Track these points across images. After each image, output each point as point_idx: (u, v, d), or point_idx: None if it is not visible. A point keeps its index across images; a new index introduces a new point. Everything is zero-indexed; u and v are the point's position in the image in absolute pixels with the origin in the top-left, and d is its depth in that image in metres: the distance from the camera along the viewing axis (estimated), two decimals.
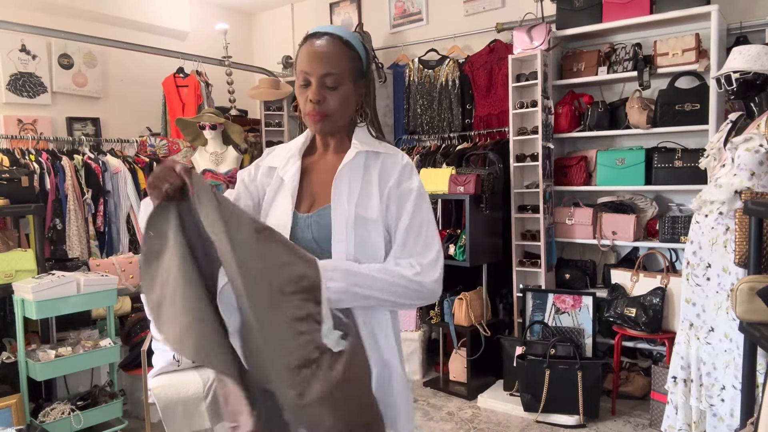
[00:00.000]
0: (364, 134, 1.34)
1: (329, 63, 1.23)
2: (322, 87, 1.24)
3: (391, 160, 1.30)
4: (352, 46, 1.27)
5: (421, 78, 4.34)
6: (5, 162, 3.36)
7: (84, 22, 4.24)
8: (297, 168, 1.33)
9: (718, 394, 2.33)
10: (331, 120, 1.27)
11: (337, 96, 1.25)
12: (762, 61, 2.30)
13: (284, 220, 1.29)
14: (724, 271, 2.29)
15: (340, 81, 1.24)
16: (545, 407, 3.13)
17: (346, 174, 1.28)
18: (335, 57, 1.24)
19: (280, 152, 1.40)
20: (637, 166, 3.42)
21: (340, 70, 1.24)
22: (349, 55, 1.26)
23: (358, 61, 1.28)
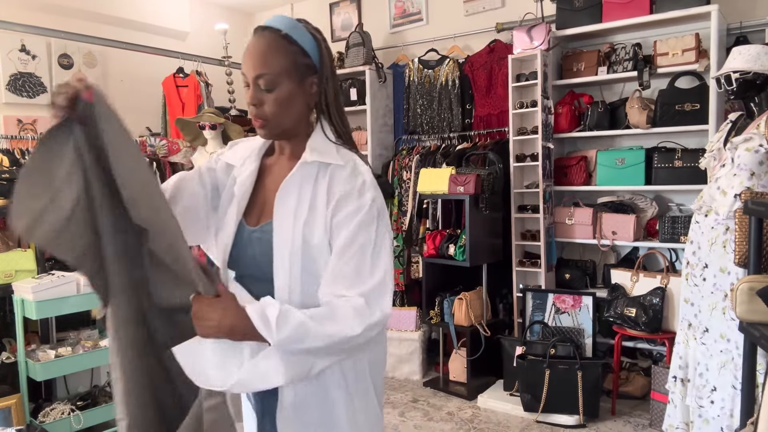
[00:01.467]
0: (320, 139, 1.18)
1: (261, 63, 1.10)
2: (257, 89, 1.12)
3: (341, 173, 1.13)
4: (293, 40, 1.12)
5: (421, 78, 4.34)
6: (5, 162, 3.36)
7: (84, 22, 4.24)
8: (252, 171, 1.21)
9: (708, 396, 2.33)
10: (271, 125, 1.14)
11: (273, 99, 1.12)
12: (762, 61, 2.30)
13: (229, 231, 1.18)
14: (721, 271, 2.29)
15: (276, 81, 1.11)
16: (545, 407, 3.13)
17: (293, 187, 1.14)
18: (268, 55, 1.11)
19: (240, 148, 1.28)
20: (637, 166, 3.42)
21: (273, 69, 1.10)
22: (287, 50, 1.12)
23: (302, 55, 1.13)
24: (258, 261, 1.15)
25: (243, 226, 1.18)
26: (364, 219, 1.10)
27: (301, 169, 1.14)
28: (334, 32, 5.12)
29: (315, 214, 1.12)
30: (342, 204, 1.10)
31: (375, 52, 4.55)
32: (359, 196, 1.11)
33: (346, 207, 1.10)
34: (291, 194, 1.13)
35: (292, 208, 1.12)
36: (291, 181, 1.14)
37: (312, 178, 1.14)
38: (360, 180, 1.13)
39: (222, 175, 1.27)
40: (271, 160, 1.25)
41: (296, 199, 1.13)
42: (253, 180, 1.21)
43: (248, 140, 1.30)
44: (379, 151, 4.55)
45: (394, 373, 3.94)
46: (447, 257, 3.67)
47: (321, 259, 1.10)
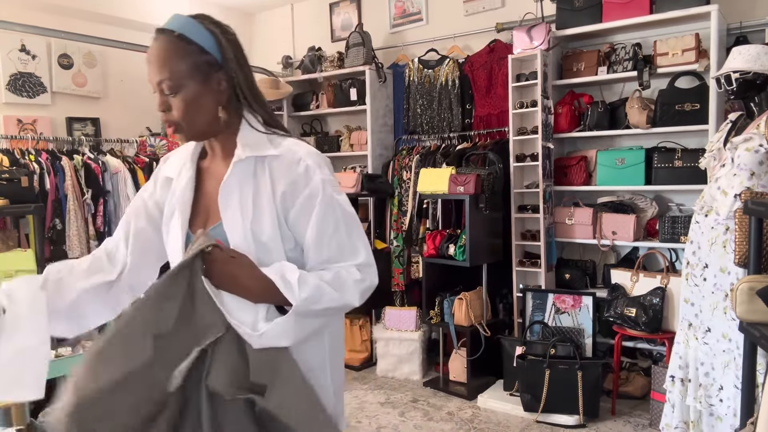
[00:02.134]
0: (249, 133, 1.14)
1: (160, 68, 1.08)
2: (163, 95, 1.09)
3: (280, 164, 1.11)
4: (189, 39, 1.09)
5: (421, 78, 4.34)
6: (5, 162, 3.36)
7: (84, 22, 4.24)
8: (189, 178, 1.18)
9: (717, 395, 2.33)
10: (184, 129, 1.11)
11: (179, 102, 1.09)
12: (762, 61, 2.30)
13: (177, 243, 1.14)
14: (721, 271, 2.29)
15: (178, 85, 1.08)
16: (545, 407, 3.13)
17: (233, 187, 1.11)
18: (166, 59, 1.08)
19: (174, 158, 1.24)
20: (637, 166, 3.42)
21: (172, 73, 1.07)
22: (184, 51, 1.08)
23: (201, 53, 1.09)
24: None
25: (190, 235, 1.15)
26: (323, 201, 1.10)
27: (237, 167, 1.12)
28: (334, 32, 5.12)
29: (261, 211, 1.10)
30: (293, 195, 1.10)
31: (375, 52, 4.55)
32: (308, 182, 1.10)
33: (300, 197, 1.10)
34: (233, 194, 1.11)
35: (237, 208, 1.10)
36: (229, 181, 1.11)
37: (250, 174, 1.12)
38: (302, 166, 1.11)
39: (164, 192, 1.23)
40: (206, 162, 1.22)
41: (239, 198, 1.11)
42: (192, 187, 1.18)
43: (181, 148, 1.25)
44: (379, 151, 4.55)
45: (394, 373, 3.94)
46: (447, 257, 3.67)
47: (275, 253, 1.10)
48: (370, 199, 4.46)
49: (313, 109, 4.94)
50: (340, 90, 4.70)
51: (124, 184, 3.82)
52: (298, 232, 1.11)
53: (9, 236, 3.14)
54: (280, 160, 1.11)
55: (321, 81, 4.95)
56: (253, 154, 1.12)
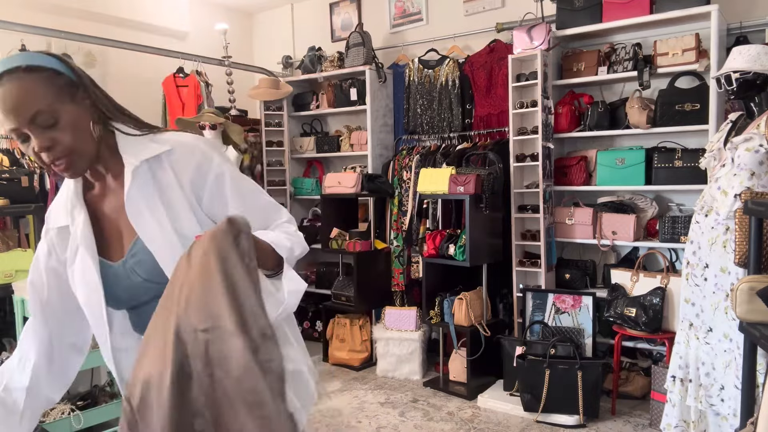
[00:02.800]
0: (128, 140, 1.12)
1: (29, 103, 0.99)
2: (42, 130, 1.00)
3: (176, 157, 1.11)
4: (40, 67, 1.02)
5: (421, 78, 4.34)
6: (5, 162, 3.36)
7: (84, 22, 4.24)
8: (84, 216, 1.12)
9: (718, 394, 2.33)
10: (78, 156, 1.05)
11: (64, 129, 1.02)
12: (762, 61, 2.30)
13: (92, 278, 1.11)
14: (722, 271, 2.29)
15: (55, 111, 1.01)
16: (545, 407, 3.13)
17: (136, 196, 1.09)
18: (30, 93, 0.99)
19: (58, 208, 1.18)
20: (637, 166, 3.42)
21: (46, 100, 1.00)
22: (43, 79, 1.01)
23: (57, 76, 1.03)
24: (152, 280, 1.11)
25: (108, 266, 1.13)
26: (231, 177, 1.14)
27: (136, 175, 1.09)
28: (334, 32, 5.12)
29: (174, 208, 1.10)
30: (201, 180, 1.12)
31: (375, 52, 4.55)
32: (210, 165, 1.12)
33: (208, 180, 1.12)
34: (139, 205, 1.09)
35: (149, 215, 1.08)
36: (132, 192, 1.09)
37: (148, 178, 1.10)
38: (198, 152, 1.13)
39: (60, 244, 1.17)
40: (93, 193, 1.16)
41: (147, 206, 1.09)
42: (89, 221, 1.13)
43: (58, 198, 1.20)
44: (379, 151, 4.55)
45: (394, 373, 3.94)
46: (447, 257, 3.67)
47: None
48: (370, 199, 4.46)
49: (313, 109, 4.94)
50: (340, 90, 4.71)
51: None
52: (217, 213, 1.13)
53: (9, 236, 3.14)
54: (175, 153, 1.12)
55: (321, 81, 4.95)
56: (146, 156, 1.10)
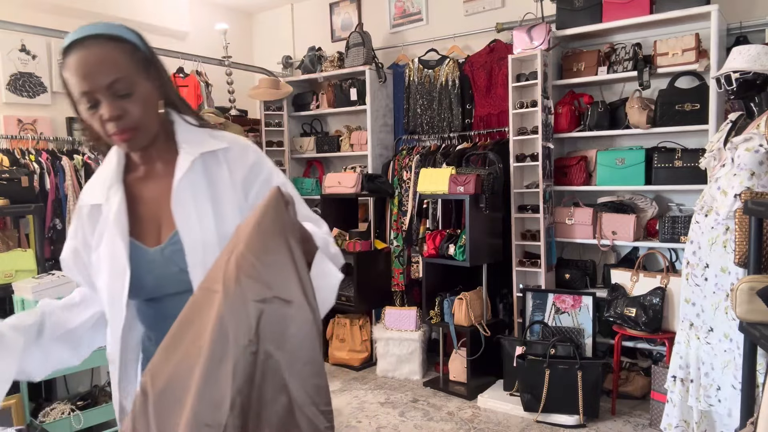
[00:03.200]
0: (188, 130, 1.13)
1: (109, 69, 1.01)
2: (116, 98, 1.01)
3: (233, 156, 1.12)
4: (123, 38, 1.05)
5: (421, 78, 4.34)
6: (5, 162, 3.36)
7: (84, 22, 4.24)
8: (121, 197, 1.10)
9: (715, 395, 2.34)
10: (142, 131, 1.06)
11: (137, 102, 1.03)
12: (762, 61, 2.30)
13: (120, 260, 1.07)
14: (722, 271, 2.29)
15: (132, 82, 1.03)
16: (545, 407, 3.13)
17: (186, 189, 1.07)
18: (111, 60, 1.01)
19: (94, 186, 1.15)
20: (637, 166, 3.42)
21: (124, 70, 1.02)
22: (125, 49, 1.04)
23: (137, 50, 1.06)
24: (181, 275, 1.07)
25: (143, 250, 1.09)
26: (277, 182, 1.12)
27: (190, 167, 1.08)
28: (334, 32, 5.12)
29: (222, 204, 1.09)
30: (252, 180, 1.12)
31: (375, 52, 4.55)
32: (262, 168, 1.14)
33: (257, 181, 1.12)
34: (186, 196, 1.07)
35: (192, 208, 1.07)
36: (182, 184, 1.08)
37: (201, 171, 1.09)
38: (252, 154, 1.14)
39: (91, 224, 1.14)
40: (137, 176, 1.15)
41: (192, 198, 1.07)
42: (125, 202, 1.11)
43: (97, 174, 1.17)
44: (379, 151, 4.55)
45: (394, 373, 3.94)
46: (447, 257, 3.67)
47: None
48: (370, 199, 4.46)
49: (313, 109, 4.94)
50: (340, 90, 4.70)
51: None
52: None
53: (9, 236, 3.14)
54: (232, 151, 1.12)
55: (321, 81, 4.95)
56: (205, 149, 1.10)
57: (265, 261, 0.85)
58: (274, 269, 0.86)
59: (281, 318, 0.85)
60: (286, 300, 0.85)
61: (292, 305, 0.85)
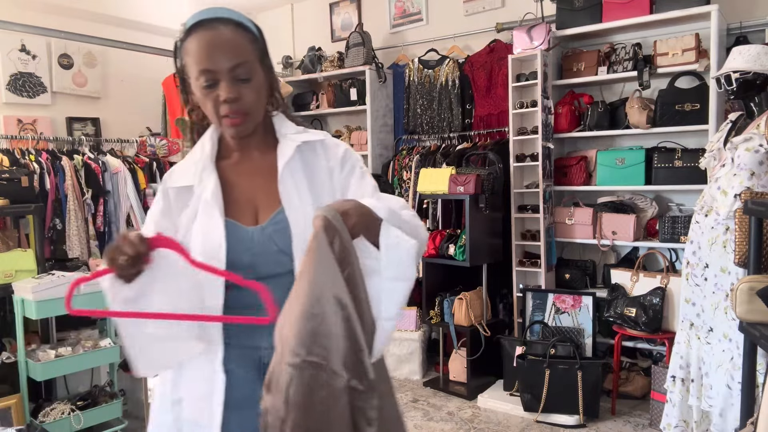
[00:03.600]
0: (286, 123, 1.20)
1: (234, 53, 1.05)
2: (235, 82, 1.06)
3: (327, 147, 1.19)
4: (248, 27, 1.11)
5: (421, 78, 4.34)
6: (5, 162, 3.36)
7: (84, 22, 4.24)
8: (216, 179, 1.14)
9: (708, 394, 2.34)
10: (252, 118, 1.11)
11: (253, 89, 1.08)
12: (762, 61, 2.30)
13: (216, 237, 1.09)
14: (722, 271, 2.29)
15: (253, 69, 1.08)
16: (545, 407, 3.13)
17: (288, 174, 1.13)
18: (238, 45, 1.07)
19: (185, 169, 1.18)
20: (637, 166, 3.42)
21: (249, 56, 1.08)
22: (249, 38, 1.10)
23: (257, 41, 1.12)
24: (286, 252, 1.10)
25: (242, 229, 1.11)
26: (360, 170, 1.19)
27: (295, 152, 1.14)
28: (334, 32, 5.12)
29: (319, 191, 1.14)
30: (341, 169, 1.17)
31: (375, 52, 4.55)
32: (350, 155, 1.19)
33: (345, 168, 1.18)
34: (289, 180, 1.13)
35: (294, 191, 1.12)
36: (287, 168, 1.13)
37: (299, 159, 1.15)
38: (342, 147, 1.20)
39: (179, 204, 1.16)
40: (229, 163, 1.18)
41: (294, 183, 1.12)
42: (220, 186, 1.14)
43: (186, 160, 1.20)
44: (379, 151, 4.55)
45: (394, 373, 3.94)
46: (447, 257, 3.67)
47: None
48: None
49: (313, 109, 4.94)
50: (340, 90, 4.70)
51: (124, 184, 3.82)
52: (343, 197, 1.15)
53: (9, 236, 3.14)
54: (328, 143, 1.19)
55: (321, 81, 4.95)
56: (306, 139, 1.16)
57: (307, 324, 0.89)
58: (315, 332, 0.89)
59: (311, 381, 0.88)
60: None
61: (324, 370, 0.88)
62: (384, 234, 0.99)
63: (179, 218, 1.15)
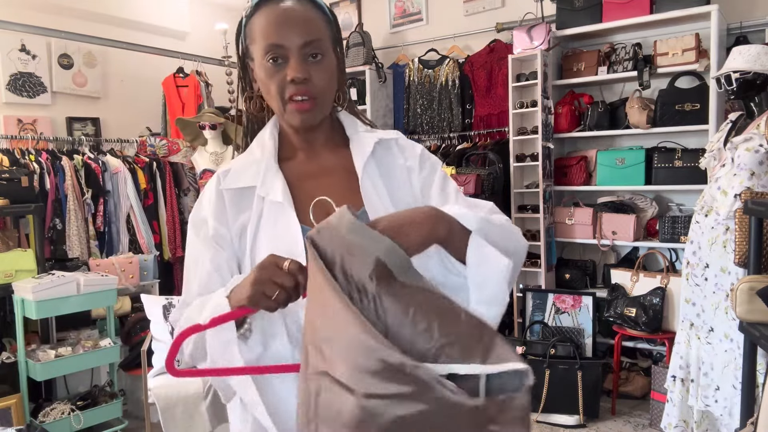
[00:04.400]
0: (355, 122, 1.09)
1: (307, 28, 0.95)
2: (305, 60, 0.95)
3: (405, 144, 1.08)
4: (321, 7, 1.00)
5: (421, 78, 4.34)
6: (5, 162, 3.35)
7: (84, 22, 4.24)
8: (283, 182, 1.01)
9: (713, 395, 2.34)
10: (320, 105, 0.98)
11: (323, 70, 0.97)
12: (762, 61, 2.30)
13: (294, 246, 0.96)
14: (722, 271, 2.29)
15: (325, 48, 0.97)
16: (545, 407, 3.13)
17: (366, 173, 1.01)
18: (313, 21, 0.96)
19: (243, 168, 1.04)
20: (637, 165, 3.42)
21: (322, 34, 0.97)
22: (324, 18, 0.99)
23: (332, 25, 1.01)
24: None
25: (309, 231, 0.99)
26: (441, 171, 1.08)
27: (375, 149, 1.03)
28: None
29: (398, 194, 1.02)
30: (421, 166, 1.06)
31: (375, 52, 4.55)
32: (428, 155, 1.09)
33: (425, 167, 1.06)
34: (367, 180, 1.01)
35: (374, 192, 1.00)
36: (367, 166, 1.01)
37: (373, 159, 1.03)
38: (418, 145, 1.10)
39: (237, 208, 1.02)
40: (291, 161, 1.05)
41: (372, 184, 1.01)
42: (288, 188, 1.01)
43: (243, 158, 1.06)
44: None
45: None
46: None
47: None
48: None
49: None
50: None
51: (124, 184, 3.82)
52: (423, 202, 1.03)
53: (9, 236, 3.14)
54: (402, 141, 1.08)
55: None
56: (383, 137, 1.06)
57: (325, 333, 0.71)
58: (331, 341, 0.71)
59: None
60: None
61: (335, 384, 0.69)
62: (472, 248, 0.82)
63: (235, 224, 1.01)
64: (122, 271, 3.38)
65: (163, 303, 2.62)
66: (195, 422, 2.33)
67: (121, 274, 3.36)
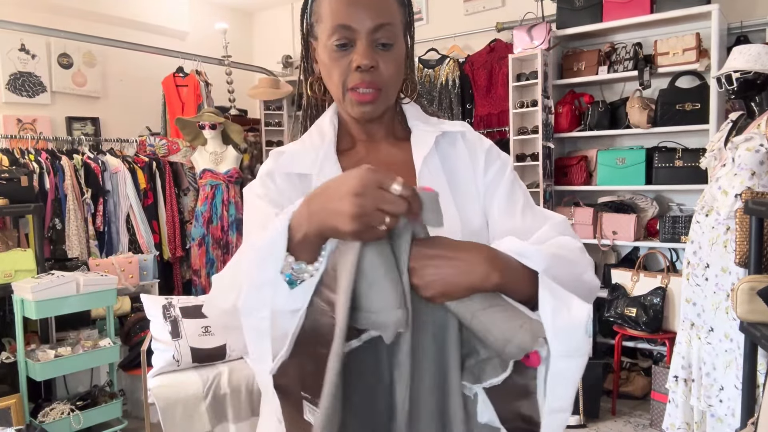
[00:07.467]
0: (418, 112, 1.01)
1: (382, 10, 0.87)
2: (374, 47, 0.87)
3: (472, 139, 0.99)
4: None
5: (421, 78, 4.34)
6: (5, 162, 3.35)
7: (84, 22, 4.24)
8: (339, 170, 0.95)
9: (717, 395, 2.33)
10: (385, 96, 0.91)
11: (392, 59, 0.89)
12: (762, 60, 2.30)
13: None
14: (723, 271, 2.29)
15: (396, 35, 0.89)
16: None
17: (426, 168, 0.94)
18: (388, 3, 0.88)
19: (300, 154, 0.97)
20: (637, 165, 3.41)
21: (395, 19, 0.89)
22: (399, 2, 0.92)
23: (406, 6, 0.93)
24: None
25: None
26: (510, 171, 0.98)
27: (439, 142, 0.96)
28: None
29: (461, 192, 0.94)
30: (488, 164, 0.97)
31: None
32: (497, 153, 0.99)
33: (493, 166, 0.97)
34: (427, 175, 0.93)
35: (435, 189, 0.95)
36: (427, 161, 0.94)
37: (436, 153, 0.96)
38: (486, 142, 1.00)
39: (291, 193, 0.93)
40: (348, 152, 0.99)
41: (431, 180, 0.92)
42: None
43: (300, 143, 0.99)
44: None
45: None
46: None
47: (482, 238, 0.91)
48: None
49: None
50: None
51: (123, 184, 3.82)
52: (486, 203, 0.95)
53: (9, 236, 3.13)
54: (469, 135, 0.99)
55: None
56: (446, 130, 0.97)
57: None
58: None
59: None
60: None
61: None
62: (543, 294, 0.71)
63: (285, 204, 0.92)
64: (122, 271, 3.38)
65: (163, 303, 2.62)
66: (195, 422, 2.32)
67: (121, 274, 3.36)
